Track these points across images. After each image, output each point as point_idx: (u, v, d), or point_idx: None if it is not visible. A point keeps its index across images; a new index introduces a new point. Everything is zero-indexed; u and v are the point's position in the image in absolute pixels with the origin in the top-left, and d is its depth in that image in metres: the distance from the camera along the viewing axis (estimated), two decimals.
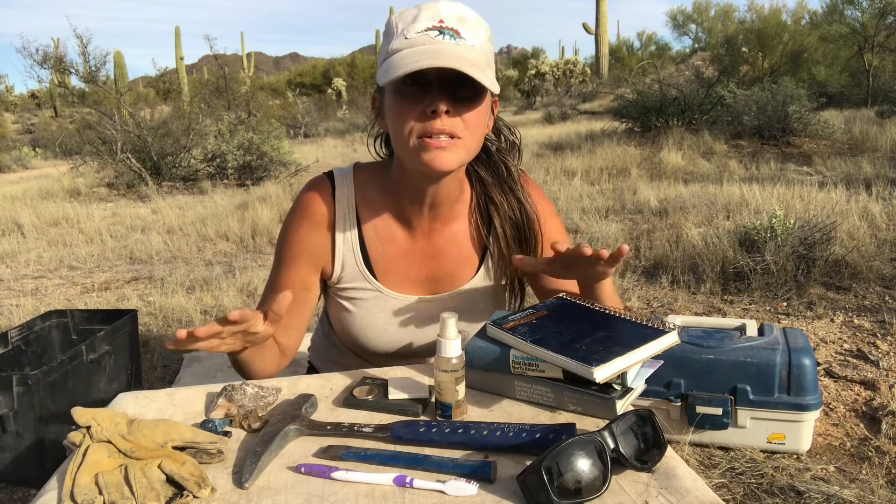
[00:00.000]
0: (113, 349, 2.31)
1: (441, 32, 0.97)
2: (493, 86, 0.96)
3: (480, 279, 1.20)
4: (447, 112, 0.96)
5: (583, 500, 0.70)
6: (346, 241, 1.15)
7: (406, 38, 0.97)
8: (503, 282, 1.23)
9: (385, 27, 1.04)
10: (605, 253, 0.95)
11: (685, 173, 6.89)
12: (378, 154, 1.23)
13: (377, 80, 1.00)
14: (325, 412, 0.95)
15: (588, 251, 0.96)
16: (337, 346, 1.32)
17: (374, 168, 1.19)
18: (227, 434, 0.88)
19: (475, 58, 0.96)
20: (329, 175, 1.18)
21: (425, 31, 0.97)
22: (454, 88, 0.96)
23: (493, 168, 1.18)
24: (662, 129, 9.23)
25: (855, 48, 12.75)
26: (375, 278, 1.16)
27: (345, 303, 1.18)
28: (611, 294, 1.11)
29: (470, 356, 0.97)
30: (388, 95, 1.01)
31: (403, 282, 1.18)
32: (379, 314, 1.17)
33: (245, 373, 1.11)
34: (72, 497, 0.71)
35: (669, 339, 0.92)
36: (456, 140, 0.98)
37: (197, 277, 4.15)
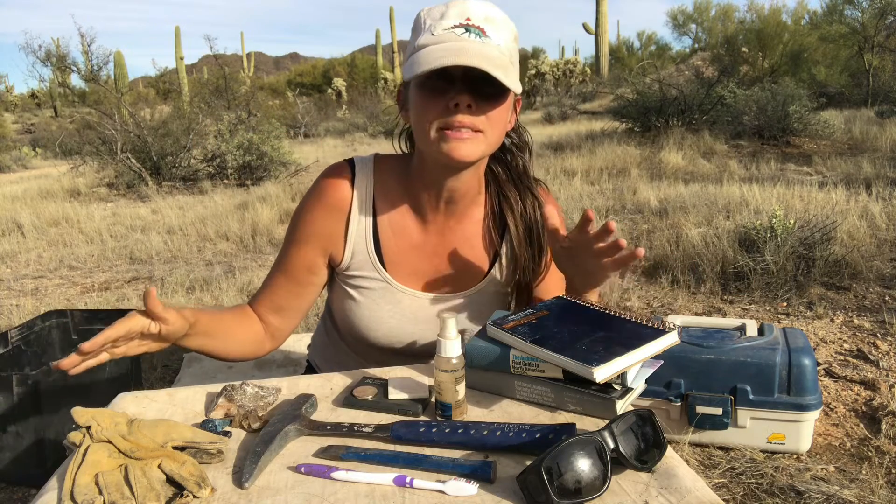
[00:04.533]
0: None
1: (467, 30, 0.98)
2: (515, 86, 0.97)
3: (489, 283, 1.20)
4: (469, 107, 0.98)
5: (583, 500, 0.70)
6: (360, 229, 1.16)
7: (433, 35, 0.99)
8: (510, 288, 1.23)
9: (413, 22, 1.06)
10: (612, 224, 0.92)
11: (685, 173, 6.89)
12: (402, 149, 1.24)
13: (402, 75, 1.02)
14: (325, 412, 0.95)
15: (606, 226, 0.94)
16: (337, 344, 1.32)
17: (395, 160, 1.20)
18: (227, 434, 0.88)
19: (498, 57, 0.97)
20: (350, 162, 1.19)
21: (452, 28, 0.99)
22: (477, 85, 0.98)
23: (508, 165, 1.20)
24: (662, 129, 9.23)
25: (855, 48, 12.75)
26: (385, 269, 1.17)
27: (351, 291, 1.19)
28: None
29: (470, 356, 0.97)
30: (413, 89, 1.03)
31: (410, 276, 1.18)
32: (384, 305, 1.18)
33: (211, 355, 1.12)
34: (72, 497, 0.71)
35: (669, 339, 0.92)
36: (478, 133, 1.00)
37: (197, 277, 4.14)
